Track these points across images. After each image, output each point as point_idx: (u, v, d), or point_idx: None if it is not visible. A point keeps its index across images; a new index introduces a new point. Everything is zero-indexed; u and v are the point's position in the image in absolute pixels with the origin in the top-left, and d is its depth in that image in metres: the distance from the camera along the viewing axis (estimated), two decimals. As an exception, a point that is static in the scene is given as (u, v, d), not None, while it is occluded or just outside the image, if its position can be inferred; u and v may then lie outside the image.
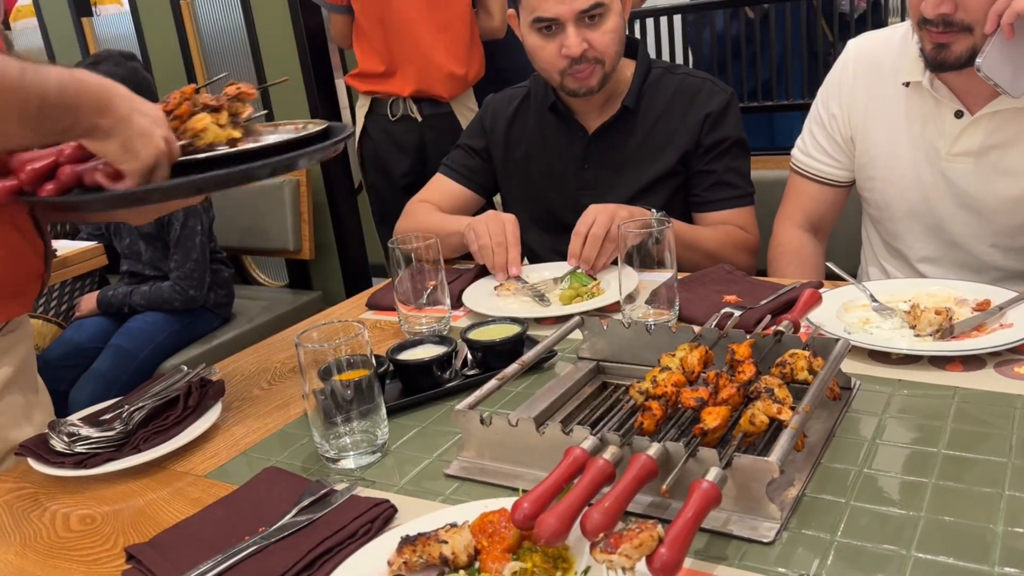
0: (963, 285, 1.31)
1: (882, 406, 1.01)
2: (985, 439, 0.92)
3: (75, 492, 1.03)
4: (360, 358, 1.00)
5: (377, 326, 1.49)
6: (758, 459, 0.79)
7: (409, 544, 0.77)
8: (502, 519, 0.78)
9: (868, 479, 0.87)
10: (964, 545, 0.76)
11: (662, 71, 1.77)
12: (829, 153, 1.65)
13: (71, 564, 0.89)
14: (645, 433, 0.90)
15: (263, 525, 0.88)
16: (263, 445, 1.10)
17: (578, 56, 1.62)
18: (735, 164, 1.74)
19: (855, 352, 1.13)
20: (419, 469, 1.00)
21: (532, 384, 1.18)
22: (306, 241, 3.19)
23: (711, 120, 1.71)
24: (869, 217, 1.69)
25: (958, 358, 1.10)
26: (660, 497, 0.84)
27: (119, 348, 2.56)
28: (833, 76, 1.64)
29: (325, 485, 0.93)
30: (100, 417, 1.12)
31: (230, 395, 1.25)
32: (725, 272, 1.49)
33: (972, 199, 1.47)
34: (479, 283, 1.58)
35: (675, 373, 0.96)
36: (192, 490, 1.01)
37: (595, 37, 1.62)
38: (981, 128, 1.43)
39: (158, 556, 0.85)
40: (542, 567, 0.74)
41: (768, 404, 0.87)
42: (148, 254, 2.67)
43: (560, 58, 1.63)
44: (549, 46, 1.64)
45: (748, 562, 0.77)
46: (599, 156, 1.77)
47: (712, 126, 1.71)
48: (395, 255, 1.36)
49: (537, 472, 0.91)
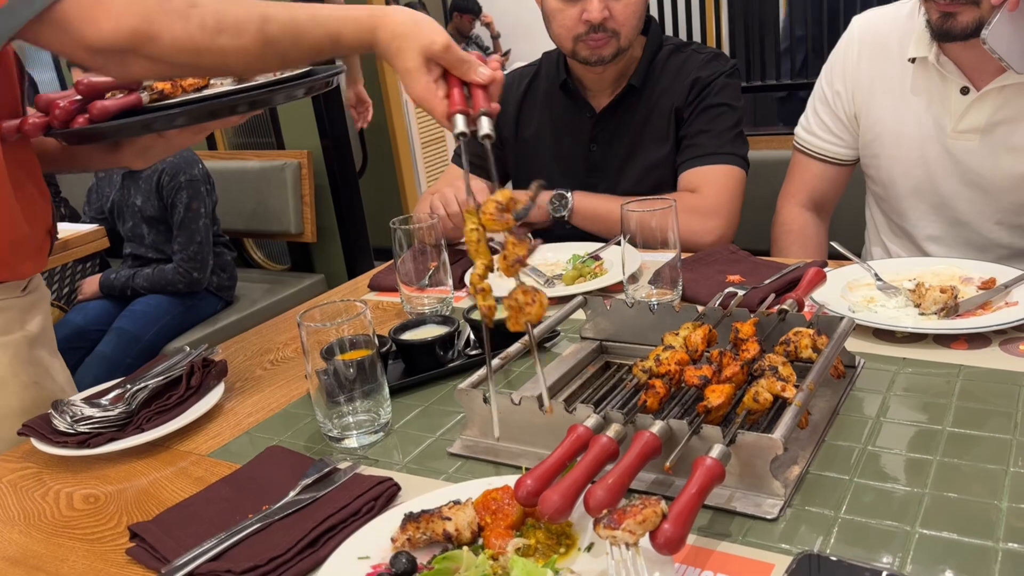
0: (968, 263, 1.30)
1: (886, 384, 1.01)
2: (989, 417, 0.92)
3: (79, 472, 1.04)
4: (363, 338, 1.00)
5: (379, 307, 1.49)
6: (762, 436, 0.79)
7: (413, 521, 0.77)
8: (505, 496, 0.78)
9: (872, 456, 0.87)
10: (968, 522, 0.75)
11: (671, 49, 1.75)
12: (833, 131, 1.63)
13: (75, 543, 0.89)
14: (648, 411, 0.90)
15: (266, 503, 0.88)
16: (266, 425, 1.10)
17: (597, 23, 1.60)
18: (710, 126, 1.68)
19: (859, 330, 1.13)
20: (422, 448, 1.00)
21: (535, 363, 1.18)
22: (308, 224, 3.19)
23: (698, 86, 1.69)
24: (873, 196, 1.68)
25: (963, 336, 1.10)
26: (664, 474, 0.83)
27: (123, 331, 2.57)
28: (838, 53, 1.63)
29: (328, 464, 0.93)
30: (103, 397, 1.12)
31: (233, 375, 1.25)
32: (729, 252, 1.48)
33: (978, 176, 1.46)
34: (481, 264, 1.57)
35: (678, 352, 0.96)
36: (195, 469, 1.01)
37: (618, 8, 1.61)
38: (987, 104, 1.42)
39: (161, 534, 0.85)
40: (545, 543, 0.74)
41: (772, 382, 0.87)
42: (151, 237, 2.67)
43: (579, 23, 1.62)
44: (569, 10, 1.62)
45: (752, 538, 0.77)
46: (606, 137, 1.75)
47: (698, 92, 1.69)
48: (397, 236, 1.35)
49: (540, 451, 0.91)
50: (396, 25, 1.01)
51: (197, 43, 0.95)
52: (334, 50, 1.04)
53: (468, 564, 0.71)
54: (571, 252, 1.56)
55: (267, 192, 3.18)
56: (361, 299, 1.53)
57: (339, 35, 1.03)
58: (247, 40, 0.98)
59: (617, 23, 1.62)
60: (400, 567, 0.73)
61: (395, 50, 1.01)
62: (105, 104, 1.12)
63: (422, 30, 1.00)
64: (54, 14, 0.91)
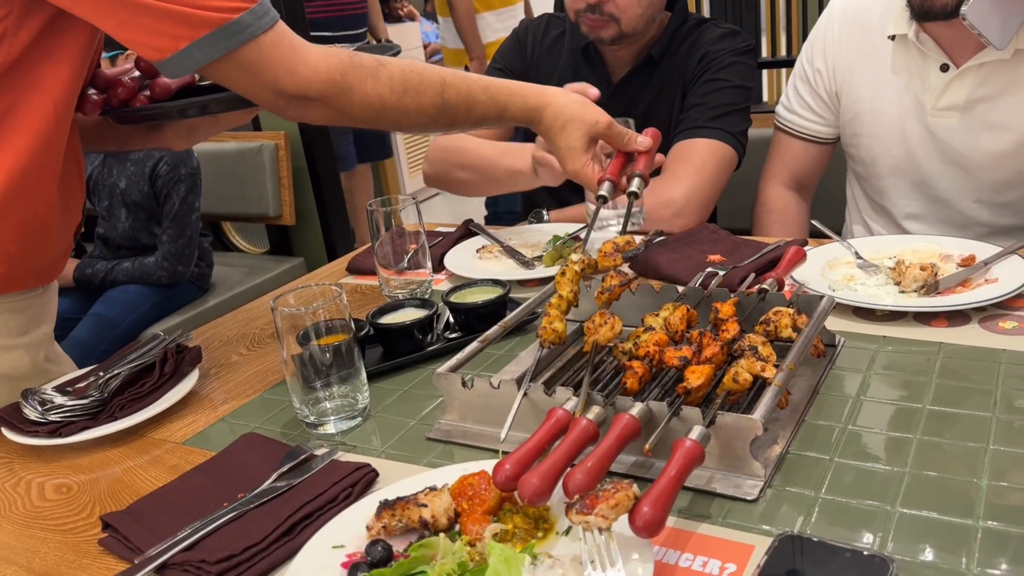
0: (948, 241, 1.30)
1: (867, 363, 1.01)
2: (969, 394, 0.92)
3: (50, 461, 1.02)
4: (339, 322, 0.98)
5: (358, 290, 1.47)
6: (741, 417, 0.78)
7: (388, 508, 0.76)
8: (482, 481, 0.77)
9: (852, 436, 0.87)
10: (948, 500, 0.75)
11: (693, 24, 1.71)
12: (814, 109, 1.63)
13: (47, 534, 0.88)
14: (628, 393, 0.89)
15: (242, 491, 0.86)
16: (242, 411, 1.09)
17: (593, 4, 1.58)
18: (704, 99, 1.63)
19: (840, 309, 1.13)
20: (401, 433, 0.98)
21: (515, 346, 1.17)
22: (286, 206, 3.15)
23: (705, 60, 1.65)
24: (854, 174, 1.67)
25: (943, 314, 1.10)
26: (644, 456, 0.83)
27: (100, 316, 2.53)
28: (818, 31, 1.61)
29: (305, 450, 0.92)
30: (75, 385, 1.10)
31: (209, 362, 1.23)
32: (710, 232, 1.47)
33: (957, 154, 1.46)
34: (461, 246, 1.56)
35: (658, 333, 0.95)
36: (170, 457, 1.00)
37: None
38: (967, 81, 1.41)
39: (135, 524, 0.84)
40: (523, 528, 0.73)
41: (752, 362, 0.86)
42: (127, 222, 2.61)
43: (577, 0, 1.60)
44: None
45: (732, 520, 0.76)
46: (621, 111, 1.71)
47: (704, 66, 1.65)
48: (374, 218, 1.33)
49: (520, 434, 0.90)
50: (562, 106, 1.11)
51: (384, 100, 1.02)
52: (498, 121, 1.13)
53: (445, 551, 0.70)
54: (551, 233, 1.54)
55: (244, 174, 3.13)
56: (338, 282, 1.51)
57: (506, 109, 1.11)
58: (427, 102, 1.05)
59: (617, 8, 1.58)
60: (376, 556, 0.72)
61: (559, 128, 1.11)
62: (167, 82, 1.12)
63: (587, 111, 1.11)
64: (248, 55, 0.94)
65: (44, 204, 1.08)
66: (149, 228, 2.62)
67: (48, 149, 1.05)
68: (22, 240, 1.08)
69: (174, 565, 0.77)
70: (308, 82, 0.98)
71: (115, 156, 2.59)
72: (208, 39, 0.92)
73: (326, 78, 0.98)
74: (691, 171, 1.56)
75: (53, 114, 1.03)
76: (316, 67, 0.98)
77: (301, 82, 0.97)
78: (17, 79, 1.00)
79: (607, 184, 1.07)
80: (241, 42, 0.93)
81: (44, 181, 1.06)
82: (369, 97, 1.01)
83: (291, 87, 0.97)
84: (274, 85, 0.97)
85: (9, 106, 1.00)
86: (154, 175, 2.54)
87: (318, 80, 0.98)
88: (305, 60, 0.97)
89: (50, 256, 1.15)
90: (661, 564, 0.72)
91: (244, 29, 0.93)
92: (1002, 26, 1.29)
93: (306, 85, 0.98)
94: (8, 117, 1.01)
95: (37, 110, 1.02)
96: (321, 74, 0.98)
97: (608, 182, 1.07)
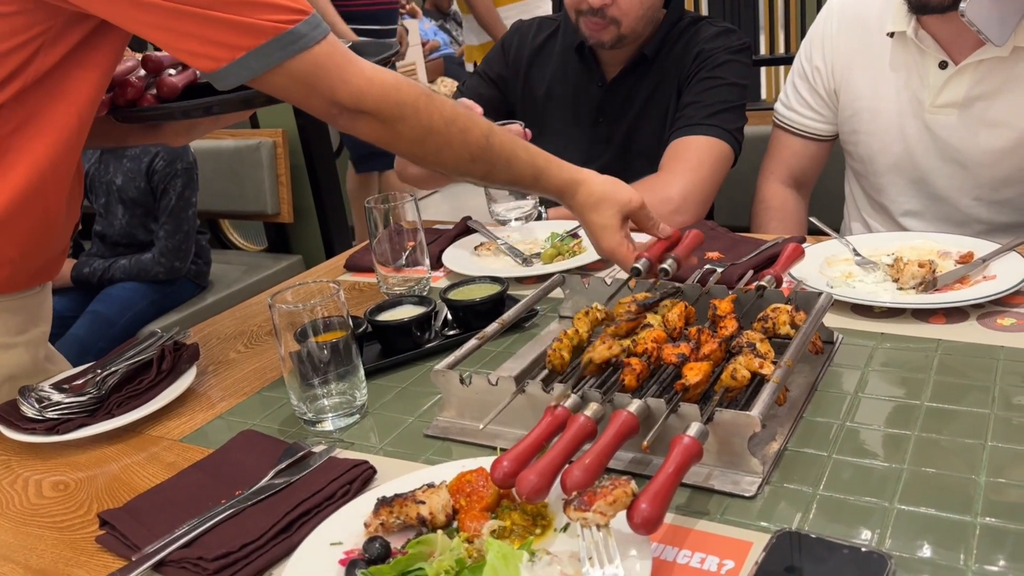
0: (946, 238, 1.30)
1: (865, 359, 1.01)
2: (968, 391, 0.92)
3: (48, 458, 1.01)
4: (337, 319, 0.98)
5: (356, 287, 1.47)
6: (740, 413, 0.78)
7: (386, 505, 0.76)
8: (480, 478, 0.76)
9: (851, 432, 0.87)
10: (947, 497, 0.75)
11: (689, 22, 1.70)
12: (812, 107, 1.62)
13: (44, 531, 0.88)
14: (626, 390, 0.89)
15: (240, 488, 0.86)
16: (240, 408, 1.08)
17: (596, 7, 1.57)
18: (699, 97, 1.62)
19: (838, 306, 1.12)
20: (399, 430, 0.98)
21: (513, 343, 1.17)
22: (284, 204, 3.15)
23: (700, 58, 1.65)
24: (852, 171, 1.67)
25: (941, 311, 1.10)
26: (642, 453, 0.83)
27: (97, 314, 2.52)
28: (816, 28, 1.61)
29: (303, 447, 0.92)
30: (72, 382, 1.09)
31: (207, 359, 1.23)
32: (708, 228, 1.47)
33: (956, 151, 1.46)
34: (459, 243, 1.56)
35: (656, 330, 0.95)
36: (167, 455, 0.99)
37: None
38: (965, 79, 1.41)
39: (132, 521, 0.84)
40: (521, 525, 0.73)
41: (750, 359, 0.86)
42: (124, 219, 2.61)
43: (581, 0, 1.59)
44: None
45: (730, 516, 0.76)
46: (614, 110, 1.71)
47: (699, 64, 1.65)
48: (373, 215, 1.33)
49: (518, 431, 0.90)
50: (597, 185, 1.13)
51: (434, 124, 1.02)
52: (532, 186, 1.14)
53: (443, 548, 0.70)
54: (549, 230, 1.54)
55: (242, 172, 3.13)
56: (336, 280, 1.51)
57: (541, 175, 1.12)
58: (472, 140, 1.05)
59: (620, 11, 1.58)
60: (373, 553, 0.72)
61: (592, 205, 1.13)
62: (173, 81, 1.12)
63: (619, 190, 1.13)
64: (303, 65, 0.94)
65: (55, 209, 1.08)
66: (146, 224, 2.61)
67: (67, 157, 1.04)
68: (29, 244, 1.08)
69: (171, 562, 0.77)
70: (363, 93, 0.97)
71: (111, 152, 2.58)
72: (264, 48, 0.92)
73: (380, 92, 0.98)
74: (688, 168, 1.56)
75: (76, 122, 1.02)
76: (371, 79, 0.98)
77: (355, 92, 0.97)
78: (46, 89, 0.99)
79: (644, 261, 1.10)
80: (296, 51, 0.93)
81: (59, 187, 1.06)
82: (420, 117, 1.01)
83: (346, 98, 0.97)
84: (330, 95, 0.97)
85: (32, 114, 0.99)
86: (151, 171, 2.53)
87: (373, 92, 0.98)
88: (360, 71, 0.97)
89: (49, 256, 1.14)
90: (659, 561, 0.72)
91: (300, 39, 0.93)
92: (1001, 23, 1.29)
93: (360, 96, 0.97)
94: (30, 124, 1.00)
95: (60, 119, 1.01)
96: (376, 86, 0.98)
97: (645, 259, 1.10)
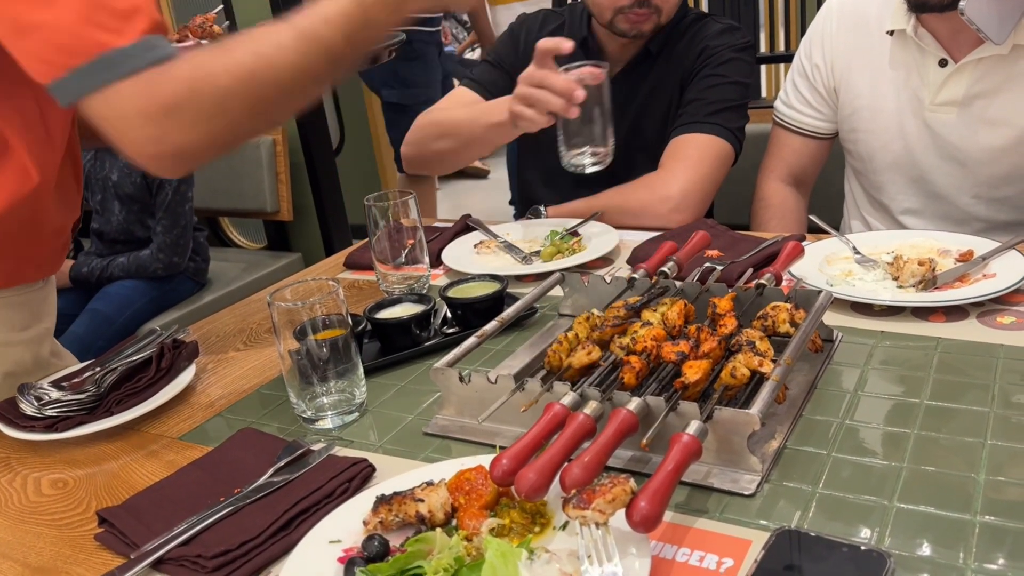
0: (946, 236, 1.30)
1: (864, 358, 1.01)
2: (967, 389, 0.91)
3: (46, 456, 1.01)
4: (336, 317, 0.98)
5: (355, 285, 1.47)
6: (739, 412, 0.78)
7: (385, 503, 0.76)
8: (479, 476, 0.76)
9: (850, 431, 0.86)
10: (946, 495, 0.75)
11: (693, 19, 1.70)
12: (812, 105, 1.62)
13: (43, 528, 0.87)
14: (626, 388, 0.89)
15: (239, 486, 0.86)
16: (239, 406, 1.08)
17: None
18: (702, 95, 1.62)
19: (837, 304, 1.12)
20: (398, 428, 0.98)
21: (512, 342, 1.17)
22: (284, 202, 3.15)
23: (704, 55, 1.64)
24: (852, 170, 1.67)
25: (941, 309, 1.10)
26: (641, 451, 0.83)
27: (96, 312, 2.53)
28: (816, 26, 1.61)
29: (302, 445, 0.92)
30: (71, 380, 1.09)
31: (206, 356, 1.23)
32: (707, 227, 1.47)
33: (955, 150, 1.46)
34: (458, 241, 1.56)
35: (656, 328, 0.95)
36: (166, 452, 0.99)
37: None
38: (965, 77, 1.41)
39: (131, 519, 0.84)
40: (520, 523, 0.73)
41: (749, 357, 0.86)
42: (121, 215, 2.61)
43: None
44: None
45: (729, 515, 0.76)
46: (618, 105, 1.70)
47: (703, 62, 1.64)
48: (372, 213, 1.33)
49: (517, 429, 0.90)
50: None
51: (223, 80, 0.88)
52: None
53: (441, 546, 0.70)
54: (549, 228, 1.54)
55: (241, 170, 3.12)
56: (335, 278, 1.51)
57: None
58: (281, 55, 0.91)
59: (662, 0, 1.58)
60: (372, 551, 0.72)
61: None
62: None
63: None
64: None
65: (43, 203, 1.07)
66: (143, 220, 2.61)
67: (42, 145, 1.04)
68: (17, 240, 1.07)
69: (170, 560, 0.77)
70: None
71: (107, 149, 2.58)
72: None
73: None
74: (688, 166, 1.56)
75: (35, 106, 1.01)
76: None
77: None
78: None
79: (641, 271, 1.10)
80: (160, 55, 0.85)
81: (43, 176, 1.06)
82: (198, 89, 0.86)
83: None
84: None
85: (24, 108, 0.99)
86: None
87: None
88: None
89: (47, 252, 1.14)
90: (658, 559, 0.72)
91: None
92: (1000, 21, 1.28)
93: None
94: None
95: (21, 102, 1.00)
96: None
97: (643, 270, 1.10)
